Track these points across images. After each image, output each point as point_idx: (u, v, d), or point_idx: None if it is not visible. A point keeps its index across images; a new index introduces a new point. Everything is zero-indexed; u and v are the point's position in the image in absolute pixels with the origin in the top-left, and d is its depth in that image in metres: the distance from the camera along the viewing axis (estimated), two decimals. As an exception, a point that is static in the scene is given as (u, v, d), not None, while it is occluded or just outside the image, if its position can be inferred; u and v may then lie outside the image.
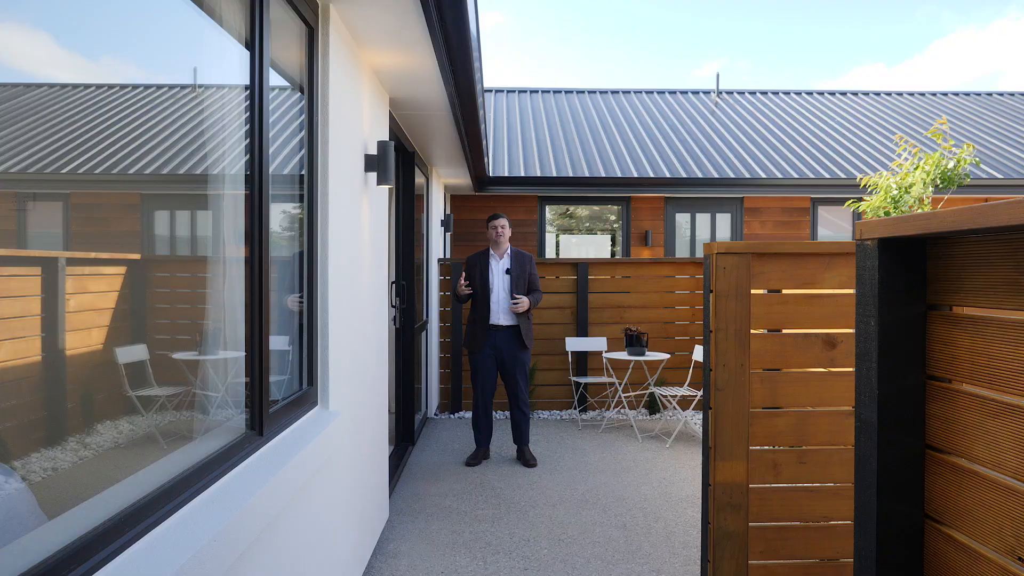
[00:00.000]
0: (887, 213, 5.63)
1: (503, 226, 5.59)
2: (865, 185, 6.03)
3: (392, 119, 4.56)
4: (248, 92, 1.99)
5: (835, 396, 3.00)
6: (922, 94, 13.55)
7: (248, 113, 1.99)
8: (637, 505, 4.64)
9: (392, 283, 5.41)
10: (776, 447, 2.99)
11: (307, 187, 2.58)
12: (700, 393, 6.33)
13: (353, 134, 3.09)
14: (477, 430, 5.65)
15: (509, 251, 5.64)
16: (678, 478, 5.23)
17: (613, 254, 9.92)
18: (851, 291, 2.99)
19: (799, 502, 3.00)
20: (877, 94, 13.57)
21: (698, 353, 6.63)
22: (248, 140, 1.99)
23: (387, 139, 3.36)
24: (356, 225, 3.15)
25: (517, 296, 5.42)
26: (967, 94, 13.49)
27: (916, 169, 5.54)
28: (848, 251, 2.98)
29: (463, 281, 5.47)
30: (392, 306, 5.39)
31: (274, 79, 2.26)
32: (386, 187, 3.39)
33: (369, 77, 3.46)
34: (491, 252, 5.65)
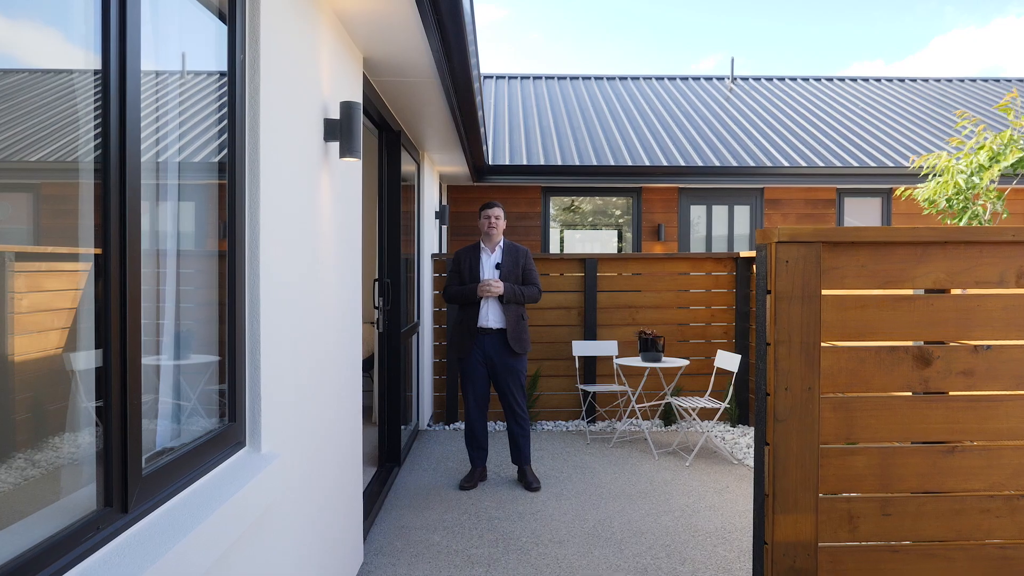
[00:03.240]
0: (949, 202, 4.92)
1: (497, 216, 4.90)
2: (920, 168, 5.32)
3: (371, 88, 3.87)
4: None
5: (929, 428, 2.31)
6: (949, 80, 12.80)
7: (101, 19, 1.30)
8: (658, 541, 3.95)
9: (375, 281, 4.73)
10: (852, 494, 2.30)
11: (228, 155, 1.89)
12: (723, 405, 5.64)
13: (304, 90, 2.40)
14: (471, 447, 4.97)
15: (502, 244, 4.95)
16: (703, 505, 4.54)
17: (619, 250, 9.23)
18: (955, 291, 2.30)
19: (882, 565, 2.31)
20: (902, 80, 12.84)
21: (721, 359, 5.93)
22: (101, 66, 1.30)
23: (355, 100, 2.68)
24: (309, 208, 2.46)
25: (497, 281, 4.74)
26: (997, 80, 12.75)
27: (980, 149, 4.82)
28: (948, 239, 2.28)
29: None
30: (375, 307, 4.71)
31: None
32: (352, 161, 2.70)
33: (331, 23, 2.77)
34: (482, 245, 4.97)
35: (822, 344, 2.26)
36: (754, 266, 6.09)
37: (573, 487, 4.90)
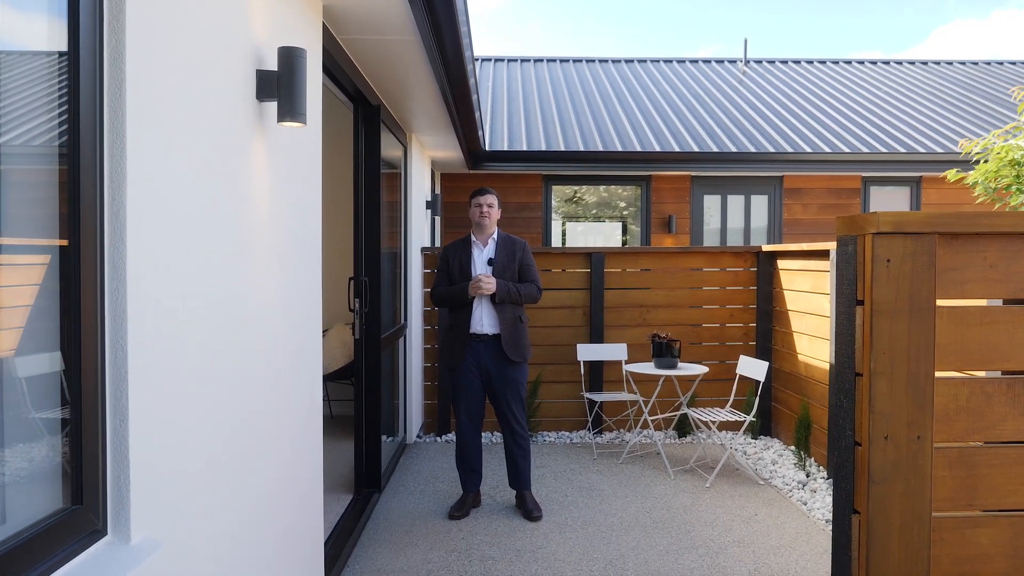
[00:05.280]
0: (1009, 185, 4.30)
1: (489, 204, 4.24)
2: (968, 153, 4.69)
3: (339, 49, 3.22)
4: None
5: (1080, 490, 1.68)
6: (975, 63, 12.11)
7: None
8: (682, 589, 3.32)
9: (351, 280, 4.09)
10: (975, 581, 1.68)
11: (70, 106, 1.24)
12: (748, 418, 5.01)
13: (214, 24, 1.75)
14: (463, 469, 4.34)
15: (496, 236, 4.30)
16: (730, 539, 3.91)
17: (624, 243, 8.58)
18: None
19: None
20: (924, 63, 12.15)
21: (744, 366, 5.30)
22: None
23: (300, 47, 2.03)
24: (225, 189, 1.82)
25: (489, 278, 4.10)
26: (1025, 63, 12.06)
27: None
28: (1110, 229, 1.64)
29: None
30: (350, 309, 4.07)
31: None
32: (295, 127, 2.06)
33: (270, -52, 2.12)
34: (473, 238, 4.31)
35: (935, 374, 1.62)
36: (835, 268, 5.41)
37: (579, 514, 4.28)
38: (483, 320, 4.15)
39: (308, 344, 2.59)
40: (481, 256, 4.26)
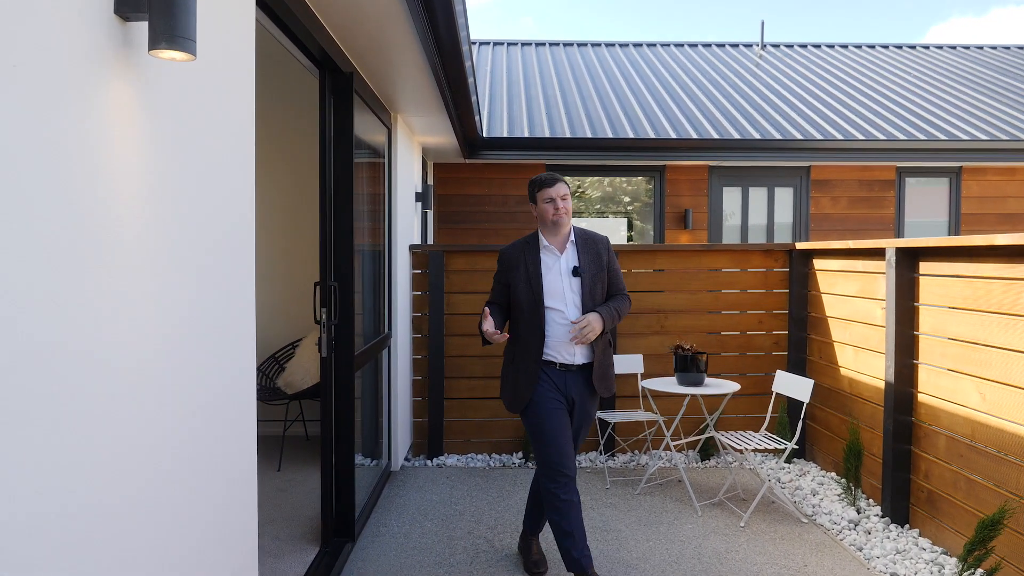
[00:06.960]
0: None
1: (563, 196, 3.21)
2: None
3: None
4: None
5: None
6: (1007, 47, 11.38)
7: None
8: None
9: (316, 285, 3.36)
10: None
11: None
12: (790, 445, 4.29)
13: None
14: (561, 536, 3.21)
15: (573, 237, 3.29)
16: (780, 602, 3.20)
17: (629, 239, 7.85)
18: None
19: None
20: (952, 47, 11.42)
21: (782, 383, 4.58)
22: None
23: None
24: (59, 166, 1.08)
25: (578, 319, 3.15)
26: (1060, 47, 11.33)
27: None
28: None
29: (486, 322, 3.07)
30: (316, 322, 3.34)
31: None
32: (180, 58, 1.32)
33: None
34: (542, 240, 3.28)
35: None
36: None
37: (593, 563, 3.55)
38: (567, 346, 3.21)
39: (232, 382, 1.86)
40: (560, 264, 3.25)
